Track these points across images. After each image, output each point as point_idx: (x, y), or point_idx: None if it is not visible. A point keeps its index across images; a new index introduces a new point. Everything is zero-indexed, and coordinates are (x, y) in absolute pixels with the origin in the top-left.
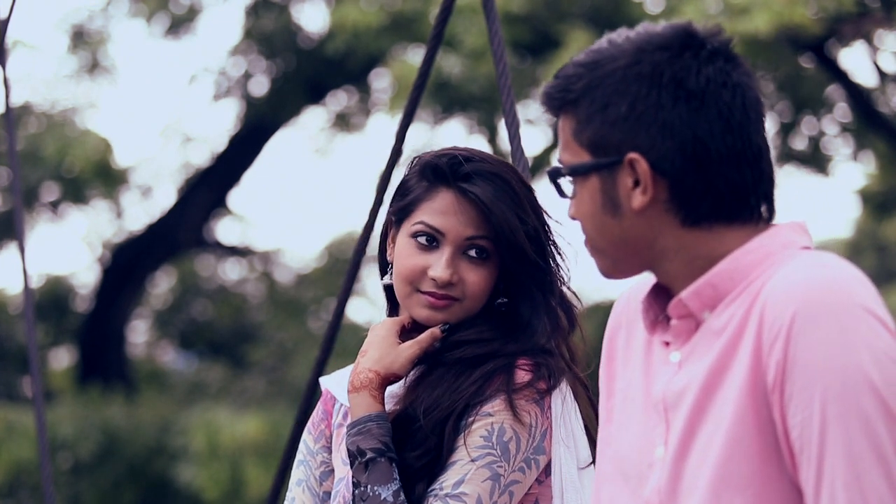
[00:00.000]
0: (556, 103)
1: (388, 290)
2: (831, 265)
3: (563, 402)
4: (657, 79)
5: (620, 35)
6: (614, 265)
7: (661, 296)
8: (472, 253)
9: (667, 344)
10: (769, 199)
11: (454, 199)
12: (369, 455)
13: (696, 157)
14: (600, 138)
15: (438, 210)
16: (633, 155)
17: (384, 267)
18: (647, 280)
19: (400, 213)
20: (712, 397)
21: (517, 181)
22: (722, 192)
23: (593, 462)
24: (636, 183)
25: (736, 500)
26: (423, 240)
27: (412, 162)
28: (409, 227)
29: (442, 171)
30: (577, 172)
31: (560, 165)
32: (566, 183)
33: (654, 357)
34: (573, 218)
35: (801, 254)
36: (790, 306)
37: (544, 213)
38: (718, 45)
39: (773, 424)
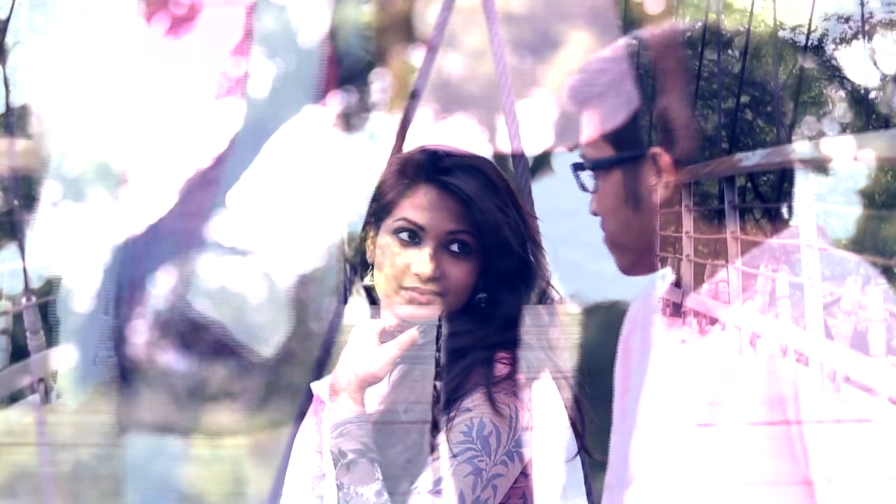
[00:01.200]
0: (581, 97)
1: (369, 291)
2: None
3: (544, 393)
4: (680, 75)
5: (645, 32)
6: (634, 261)
7: (679, 292)
8: (454, 248)
9: (683, 341)
10: (788, 198)
11: (436, 194)
12: (350, 456)
13: (718, 153)
14: (624, 132)
15: (419, 205)
16: (656, 149)
17: (364, 269)
18: (664, 278)
19: (379, 213)
20: (728, 393)
21: (496, 174)
22: (742, 188)
23: (577, 455)
24: (659, 176)
25: (747, 493)
26: (404, 236)
27: (388, 163)
28: (390, 224)
29: (422, 165)
30: (601, 166)
31: (582, 160)
32: (588, 177)
33: (670, 354)
34: (594, 214)
35: (817, 253)
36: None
37: (523, 208)
38: (740, 44)
39: (788, 419)
